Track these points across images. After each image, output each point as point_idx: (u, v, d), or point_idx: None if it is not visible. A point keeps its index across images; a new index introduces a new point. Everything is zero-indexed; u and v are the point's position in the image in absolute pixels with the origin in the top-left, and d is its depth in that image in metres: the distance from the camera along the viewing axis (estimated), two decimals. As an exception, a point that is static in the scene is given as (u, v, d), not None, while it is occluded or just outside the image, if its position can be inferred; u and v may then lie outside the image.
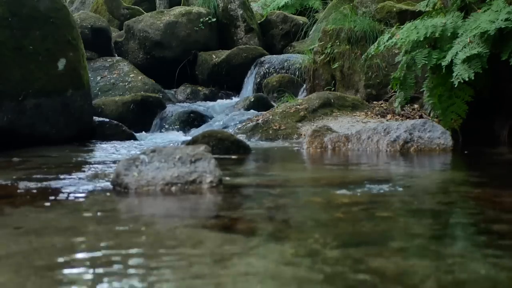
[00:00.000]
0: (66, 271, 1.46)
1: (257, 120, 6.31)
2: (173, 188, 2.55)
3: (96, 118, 6.35)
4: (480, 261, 1.49)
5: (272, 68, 9.04)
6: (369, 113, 6.45)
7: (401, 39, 4.83)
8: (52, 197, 2.54)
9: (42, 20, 5.59)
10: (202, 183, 2.58)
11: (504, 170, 3.58)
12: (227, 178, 2.90)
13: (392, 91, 6.36)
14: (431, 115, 5.32)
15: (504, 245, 1.68)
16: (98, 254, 1.59)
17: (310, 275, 1.38)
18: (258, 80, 9.09)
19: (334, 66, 7.49)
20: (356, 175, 3.30)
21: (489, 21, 4.35)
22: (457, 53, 4.43)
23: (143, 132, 7.28)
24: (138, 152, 2.77)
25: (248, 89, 9.24)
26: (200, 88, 9.67)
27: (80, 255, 1.60)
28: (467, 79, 4.31)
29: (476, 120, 4.87)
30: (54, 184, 2.88)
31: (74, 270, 1.46)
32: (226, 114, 7.58)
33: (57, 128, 5.63)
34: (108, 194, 2.59)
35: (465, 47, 4.42)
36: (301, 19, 10.89)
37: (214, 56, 9.76)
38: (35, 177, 3.15)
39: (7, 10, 5.40)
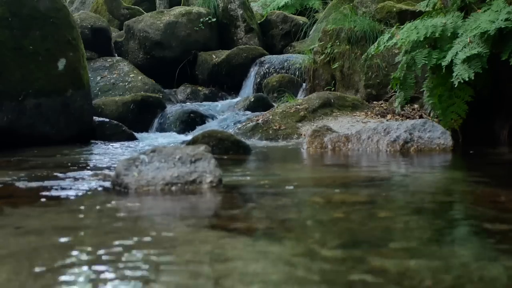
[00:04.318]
0: (66, 271, 1.46)
1: (257, 120, 6.31)
2: (173, 188, 2.55)
3: (96, 118, 6.35)
4: (480, 261, 1.49)
5: (272, 68, 9.05)
6: (369, 113, 6.45)
7: (401, 39, 4.83)
8: (52, 197, 2.54)
9: (42, 20, 5.59)
10: (202, 183, 2.58)
11: (504, 170, 3.58)
12: (227, 178, 2.90)
13: (392, 91, 6.36)
14: (431, 115, 5.32)
15: (504, 244, 1.68)
16: (98, 253, 1.59)
17: (310, 275, 1.38)
18: (258, 80, 9.09)
19: (334, 66, 7.49)
20: (356, 175, 3.30)
21: (489, 21, 4.35)
22: (457, 53, 4.43)
23: (143, 132, 7.28)
24: (138, 152, 2.77)
25: (248, 89, 9.24)
26: (200, 88, 9.67)
27: (80, 255, 1.60)
28: (467, 79, 4.30)
29: (476, 120, 4.86)
30: (54, 184, 2.88)
31: (74, 270, 1.46)
32: (226, 114, 7.58)
33: (57, 128, 5.63)
34: (108, 194, 2.59)
35: (465, 47, 4.42)
36: (301, 19, 10.89)
37: (214, 56, 9.76)
38: (35, 177, 3.15)
39: (7, 10, 5.40)
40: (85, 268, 1.47)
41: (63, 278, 1.40)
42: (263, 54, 9.62)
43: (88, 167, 3.77)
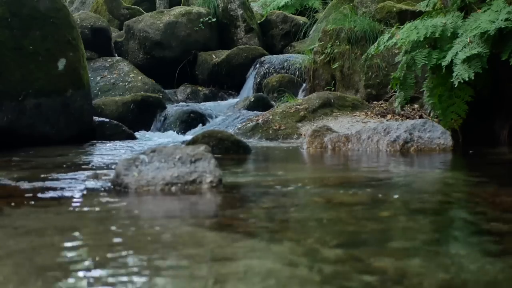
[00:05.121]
0: (66, 271, 1.46)
1: (257, 120, 6.31)
2: (173, 188, 2.55)
3: (96, 118, 6.35)
4: (480, 261, 1.49)
5: (272, 68, 9.04)
6: (369, 113, 6.45)
7: (401, 39, 4.83)
8: (52, 197, 2.54)
9: (42, 20, 5.59)
10: (202, 183, 2.58)
11: (504, 170, 3.58)
12: (227, 178, 2.90)
13: (392, 91, 6.36)
14: (431, 115, 5.32)
15: (504, 244, 1.68)
16: (98, 254, 1.59)
17: (310, 275, 1.38)
18: (258, 80, 9.09)
19: (334, 66, 7.49)
20: (356, 175, 3.30)
21: (489, 21, 4.35)
22: (457, 53, 4.43)
23: (143, 132, 7.28)
24: (138, 152, 2.77)
25: (248, 89, 9.24)
26: (200, 88, 9.67)
27: (80, 255, 1.60)
28: (467, 79, 4.30)
29: (476, 120, 4.86)
30: (54, 184, 2.88)
31: (74, 271, 1.46)
32: (226, 114, 7.58)
33: (57, 128, 5.63)
34: (108, 194, 2.58)
35: (465, 47, 4.42)
36: (301, 19, 10.89)
37: (214, 56, 9.76)
38: (35, 177, 3.14)
39: (7, 10, 5.40)
40: (85, 268, 1.47)
41: (62, 278, 1.40)
42: (263, 54, 9.62)
43: (88, 167, 3.76)
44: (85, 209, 2.29)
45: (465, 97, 4.68)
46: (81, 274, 1.43)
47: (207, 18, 10.13)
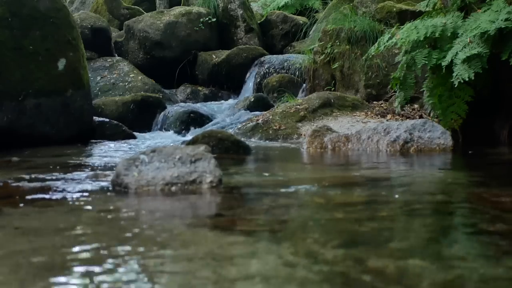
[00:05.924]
0: (66, 271, 1.46)
1: (257, 120, 6.31)
2: (173, 188, 2.55)
3: (96, 118, 6.35)
4: (480, 261, 1.49)
5: (272, 68, 9.04)
6: (369, 113, 6.45)
7: (401, 39, 4.83)
8: (52, 197, 2.54)
9: (42, 20, 5.59)
10: (202, 183, 2.58)
11: (504, 170, 3.58)
12: (227, 178, 2.90)
13: (392, 91, 6.36)
14: (431, 115, 5.32)
15: (504, 245, 1.68)
16: (98, 254, 1.59)
17: (310, 275, 1.38)
18: (258, 80, 9.09)
19: (334, 66, 7.49)
20: (356, 175, 3.30)
21: (489, 21, 4.35)
22: (457, 53, 4.43)
23: (143, 132, 7.28)
24: (138, 152, 2.77)
25: (248, 89, 9.24)
26: (200, 88, 9.67)
27: (80, 255, 1.60)
28: (467, 79, 4.30)
29: (476, 120, 4.86)
30: (54, 184, 2.88)
31: (74, 271, 1.46)
32: (226, 114, 7.58)
33: (57, 128, 5.62)
34: (108, 194, 2.58)
35: (465, 47, 4.41)
36: (301, 19, 10.89)
37: (214, 56, 9.76)
38: (35, 177, 3.15)
39: (7, 10, 5.40)
40: (84, 268, 1.47)
41: (62, 279, 1.40)
42: (263, 54, 9.62)
43: (88, 167, 3.76)
44: (85, 209, 2.29)
45: (465, 97, 4.67)
46: (80, 274, 1.43)
47: (207, 18, 10.13)
